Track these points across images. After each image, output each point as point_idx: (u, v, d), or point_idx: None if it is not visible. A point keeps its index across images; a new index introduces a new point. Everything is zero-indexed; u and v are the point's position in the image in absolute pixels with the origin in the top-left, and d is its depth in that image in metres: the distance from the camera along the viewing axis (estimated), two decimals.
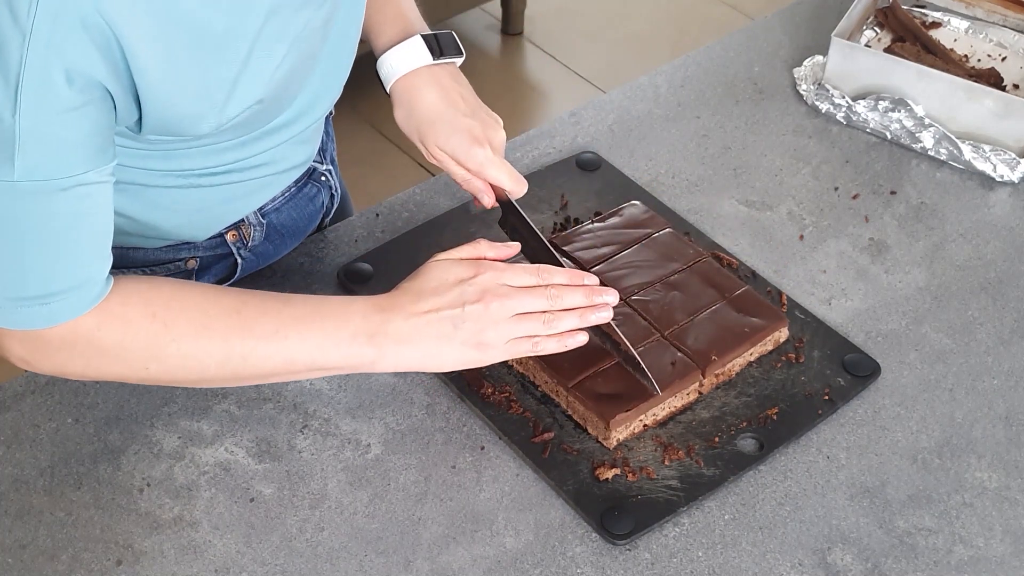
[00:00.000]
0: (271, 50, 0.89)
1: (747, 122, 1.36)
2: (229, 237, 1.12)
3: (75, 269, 0.86)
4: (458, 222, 1.19)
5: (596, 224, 1.16)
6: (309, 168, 1.18)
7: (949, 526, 0.95)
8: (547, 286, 0.95)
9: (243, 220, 1.12)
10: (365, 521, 0.94)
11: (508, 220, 1.07)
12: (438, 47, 1.09)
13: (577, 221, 1.19)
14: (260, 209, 1.13)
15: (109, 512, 0.94)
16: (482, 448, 1.00)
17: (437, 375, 1.04)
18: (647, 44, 3.04)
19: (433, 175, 1.28)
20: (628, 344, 0.98)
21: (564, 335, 0.95)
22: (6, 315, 0.86)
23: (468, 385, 1.03)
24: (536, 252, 1.03)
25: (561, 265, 1.00)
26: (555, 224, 1.19)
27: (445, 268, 0.95)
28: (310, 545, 0.93)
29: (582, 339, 0.96)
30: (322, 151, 1.21)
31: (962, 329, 1.11)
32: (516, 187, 1.05)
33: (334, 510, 0.95)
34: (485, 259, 0.97)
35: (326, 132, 1.23)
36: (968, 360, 1.09)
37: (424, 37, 1.09)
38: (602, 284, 1.07)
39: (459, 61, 1.11)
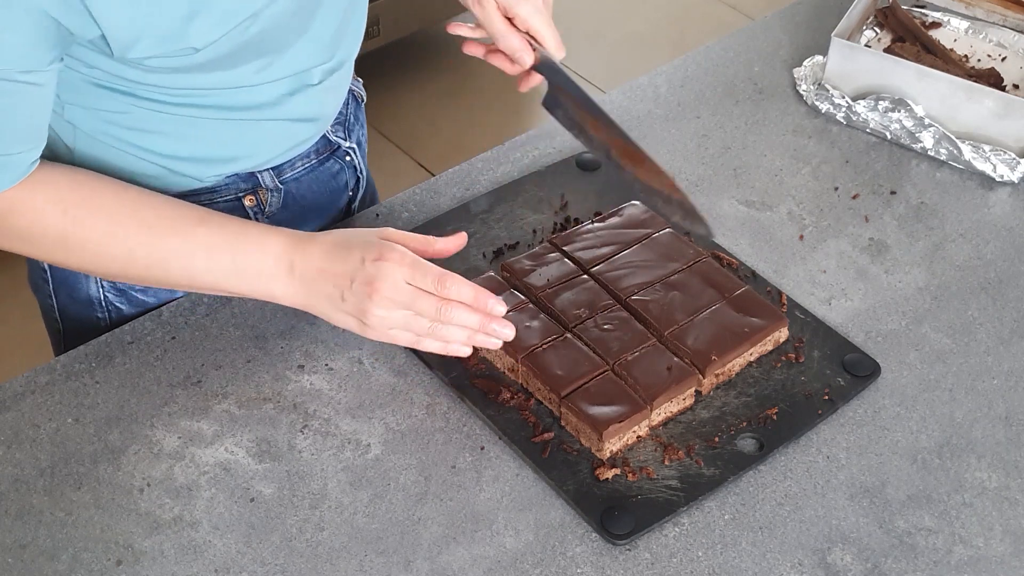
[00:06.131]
0: None
1: (747, 122, 1.36)
2: (247, 202, 1.13)
3: None
4: (458, 222, 1.19)
5: (596, 224, 1.16)
6: (333, 144, 1.20)
7: (949, 526, 0.95)
8: (442, 298, 0.96)
9: (259, 183, 1.13)
10: (365, 521, 0.94)
11: (552, 94, 1.05)
12: None
13: (577, 221, 1.19)
14: (277, 172, 1.14)
15: (109, 512, 0.94)
16: (482, 448, 1.00)
17: (437, 376, 1.04)
18: (647, 44, 3.05)
19: (433, 175, 1.28)
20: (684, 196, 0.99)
21: (450, 342, 0.98)
22: None
23: (470, 385, 1.03)
24: (586, 119, 1.02)
25: (612, 122, 1.00)
26: (555, 224, 1.19)
27: (361, 238, 0.97)
28: (310, 545, 0.93)
29: (466, 351, 0.99)
30: (347, 129, 1.23)
31: (962, 329, 1.12)
32: (556, 48, 1.06)
33: (334, 510, 0.95)
34: (419, 250, 0.99)
35: (355, 116, 1.25)
36: (968, 360, 1.09)
37: None
38: (601, 285, 1.08)
39: None
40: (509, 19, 1.06)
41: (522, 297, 1.07)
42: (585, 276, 1.10)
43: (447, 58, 2.93)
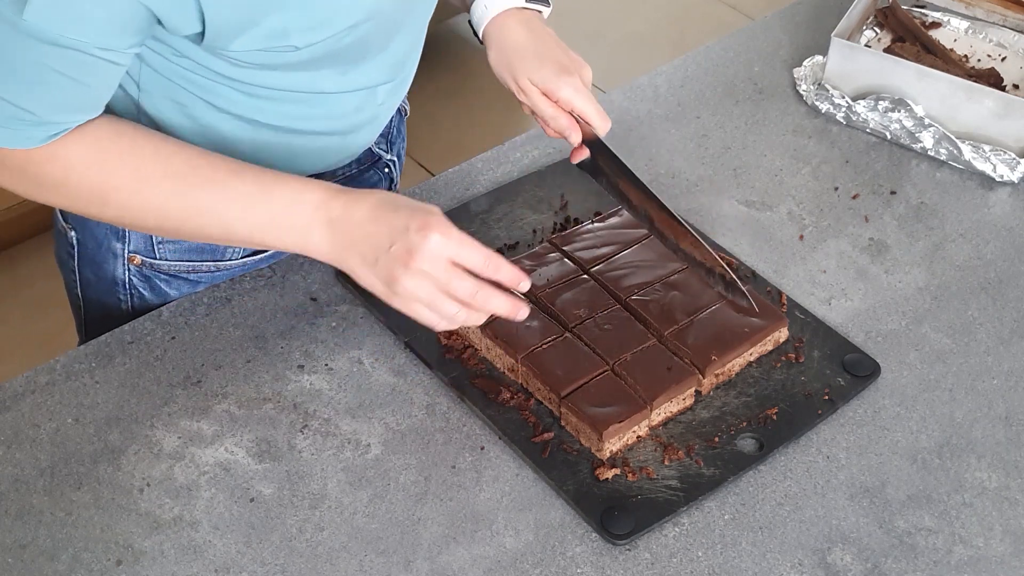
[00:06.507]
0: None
1: (747, 122, 1.36)
2: None
3: (36, 108, 0.88)
4: (458, 222, 1.18)
5: (596, 224, 1.16)
6: (375, 155, 1.21)
7: (949, 526, 0.95)
8: (479, 281, 0.92)
9: None
10: (365, 521, 0.94)
11: (594, 161, 1.09)
12: None
13: (577, 221, 1.19)
14: (319, 179, 1.15)
15: (109, 512, 0.94)
16: (482, 448, 1.00)
17: (437, 376, 1.04)
18: (647, 44, 3.04)
19: (433, 175, 1.28)
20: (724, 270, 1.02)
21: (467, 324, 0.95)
22: None
23: (470, 385, 1.03)
24: (628, 190, 1.06)
25: (654, 196, 1.04)
26: (555, 224, 1.19)
27: (411, 204, 0.93)
28: (310, 545, 0.93)
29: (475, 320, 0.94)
30: (389, 142, 1.24)
31: (962, 329, 1.11)
32: (601, 123, 1.08)
33: (334, 510, 0.95)
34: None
35: (398, 129, 1.27)
36: (968, 360, 1.09)
37: None
38: (601, 285, 1.08)
39: (546, 12, 1.15)
40: (554, 101, 1.09)
41: (522, 297, 1.07)
42: (585, 276, 1.10)
43: (447, 58, 2.93)
